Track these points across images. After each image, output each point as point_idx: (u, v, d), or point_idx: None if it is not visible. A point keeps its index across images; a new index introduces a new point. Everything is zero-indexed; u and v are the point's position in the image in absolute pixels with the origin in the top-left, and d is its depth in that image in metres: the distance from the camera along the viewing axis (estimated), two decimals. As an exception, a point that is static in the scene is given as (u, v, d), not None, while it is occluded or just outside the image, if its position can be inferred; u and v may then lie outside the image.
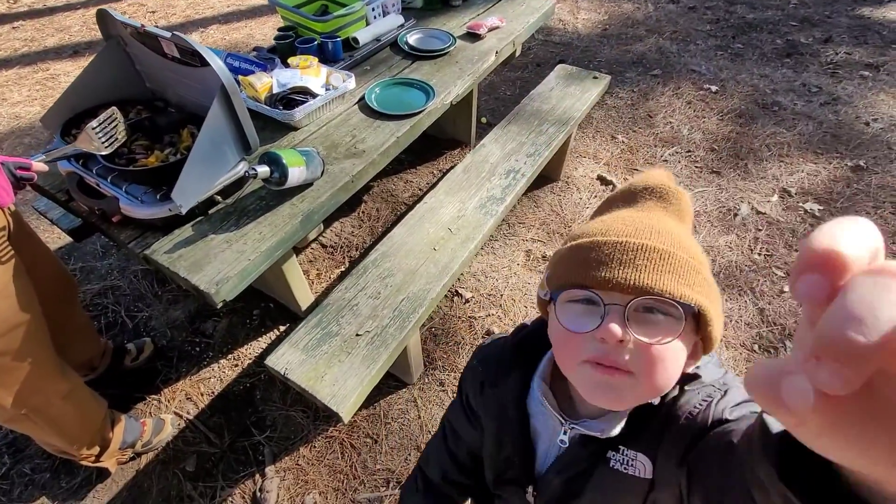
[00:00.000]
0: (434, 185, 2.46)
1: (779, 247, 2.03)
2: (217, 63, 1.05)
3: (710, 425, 0.50)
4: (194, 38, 4.47)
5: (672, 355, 0.47)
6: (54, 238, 2.25)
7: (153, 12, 4.51)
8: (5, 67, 3.75)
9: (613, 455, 0.56)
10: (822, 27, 3.55)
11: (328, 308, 1.37)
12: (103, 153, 1.08)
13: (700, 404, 0.53)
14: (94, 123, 1.05)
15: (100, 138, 1.05)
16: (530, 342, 0.66)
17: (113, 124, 1.07)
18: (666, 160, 2.51)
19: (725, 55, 3.33)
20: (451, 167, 2.58)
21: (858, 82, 2.96)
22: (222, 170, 1.16)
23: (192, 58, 1.13)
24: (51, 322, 1.17)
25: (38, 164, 0.98)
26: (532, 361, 0.64)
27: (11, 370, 1.05)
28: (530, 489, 0.64)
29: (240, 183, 1.23)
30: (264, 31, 4.06)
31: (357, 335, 1.29)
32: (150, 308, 1.97)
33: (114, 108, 1.11)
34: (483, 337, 1.79)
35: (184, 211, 1.07)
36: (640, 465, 0.55)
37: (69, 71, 3.70)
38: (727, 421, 0.50)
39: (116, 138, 1.09)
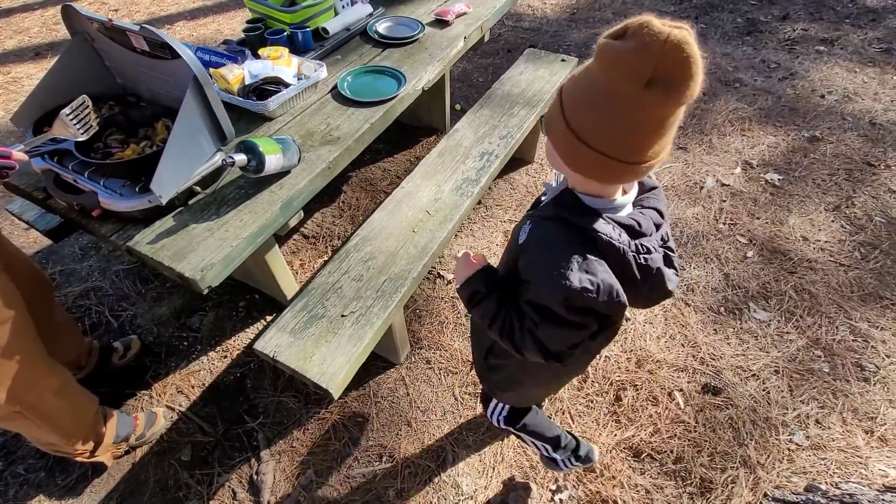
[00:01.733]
0: (411, 171, 2.50)
1: (742, 215, 2.13)
2: (188, 54, 1.07)
3: None
4: (161, 35, 4.32)
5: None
6: (29, 242, 2.22)
7: (115, 10, 4.39)
8: (-37, 71, 3.63)
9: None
10: (780, 5, 3.68)
11: (313, 292, 1.41)
12: (80, 139, 1.09)
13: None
14: (66, 111, 1.06)
15: (74, 125, 1.07)
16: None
17: (86, 111, 1.09)
18: (635, 138, 2.60)
19: (689, 35, 3.43)
20: (428, 153, 2.62)
21: (814, 57, 3.10)
22: (199, 160, 1.19)
23: (163, 50, 1.14)
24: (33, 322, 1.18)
25: (18, 153, 0.98)
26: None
27: (2, 366, 1.07)
28: None
29: (218, 173, 1.26)
30: (232, 26, 4.00)
31: (342, 316, 1.33)
32: (134, 306, 1.97)
33: (84, 95, 1.12)
34: (465, 318, 1.85)
35: (164, 201, 1.09)
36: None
37: (32, 73, 3.59)
38: None
39: (91, 125, 1.11)
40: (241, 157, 1.12)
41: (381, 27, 1.94)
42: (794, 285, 1.83)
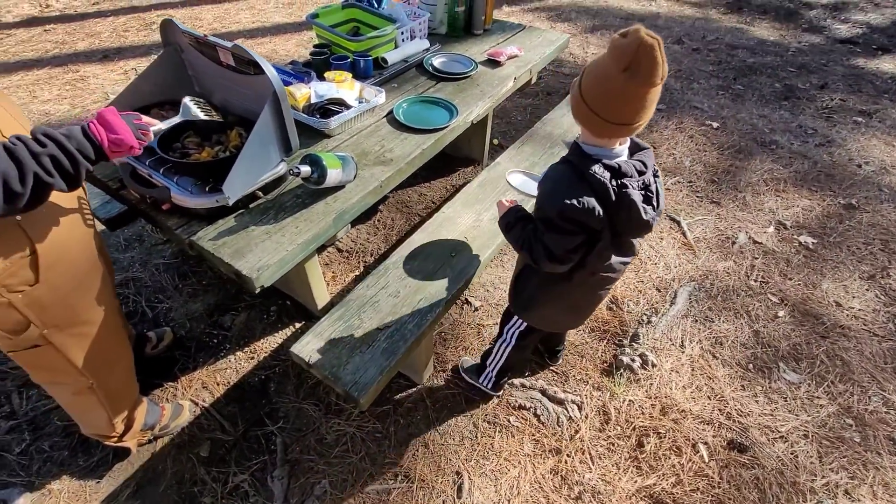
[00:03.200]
0: (450, 197, 2.57)
1: (774, 275, 2.13)
2: (272, 72, 1.17)
3: None
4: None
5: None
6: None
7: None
8: (37, 67, 3.91)
9: None
10: (819, 74, 3.76)
11: (350, 304, 1.45)
12: (203, 118, 1.27)
13: None
14: (187, 99, 1.19)
15: (198, 108, 1.24)
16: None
17: (203, 101, 1.22)
18: (669, 188, 2.64)
19: (726, 95, 3.51)
20: (464, 183, 2.70)
21: (852, 127, 3.13)
22: (267, 167, 1.27)
23: (248, 66, 1.25)
24: None
25: (155, 126, 1.06)
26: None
27: (99, 341, 1.13)
28: None
29: (280, 180, 1.34)
30: (287, 48, 4.26)
31: (378, 329, 1.37)
32: (170, 300, 2.05)
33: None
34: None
35: (231, 202, 1.17)
36: None
37: (98, 73, 3.86)
38: None
39: (211, 112, 1.27)
40: (306, 169, 1.20)
41: (437, 61, 2.06)
42: (826, 350, 1.80)
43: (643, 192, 1.00)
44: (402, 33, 2.07)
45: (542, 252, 1.04)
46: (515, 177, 1.63)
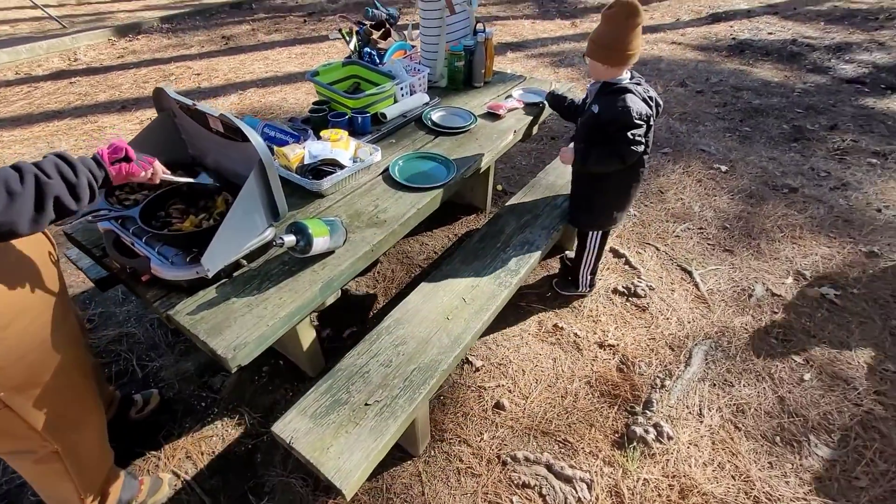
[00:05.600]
0: (450, 252, 2.52)
1: (796, 331, 1.99)
2: (257, 141, 1.14)
3: None
4: (233, 100, 4.77)
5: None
6: (78, 282, 2.32)
7: (198, 74, 4.91)
8: (58, 118, 4.06)
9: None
10: (828, 115, 3.70)
11: (339, 374, 1.37)
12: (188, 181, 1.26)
13: None
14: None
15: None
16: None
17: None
18: (678, 236, 2.54)
19: (734, 137, 3.47)
20: (467, 232, 2.65)
21: (867, 169, 3.04)
22: (251, 235, 1.22)
23: (235, 133, 1.22)
24: None
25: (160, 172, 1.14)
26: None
27: (57, 397, 1.06)
28: None
29: (266, 247, 1.29)
30: (297, 97, 4.37)
31: (366, 404, 1.28)
32: (161, 358, 1.98)
33: None
34: (494, 409, 1.75)
35: (210, 275, 1.12)
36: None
37: (115, 123, 3.98)
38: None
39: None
40: (290, 239, 1.15)
41: (436, 116, 2.05)
42: (861, 420, 1.64)
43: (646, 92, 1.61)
44: (402, 89, 2.08)
45: (627, 147, 1.55)
46: (517, 91, 2.22)
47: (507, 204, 2.13)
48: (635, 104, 1.52)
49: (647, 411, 1.69)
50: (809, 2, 6.72)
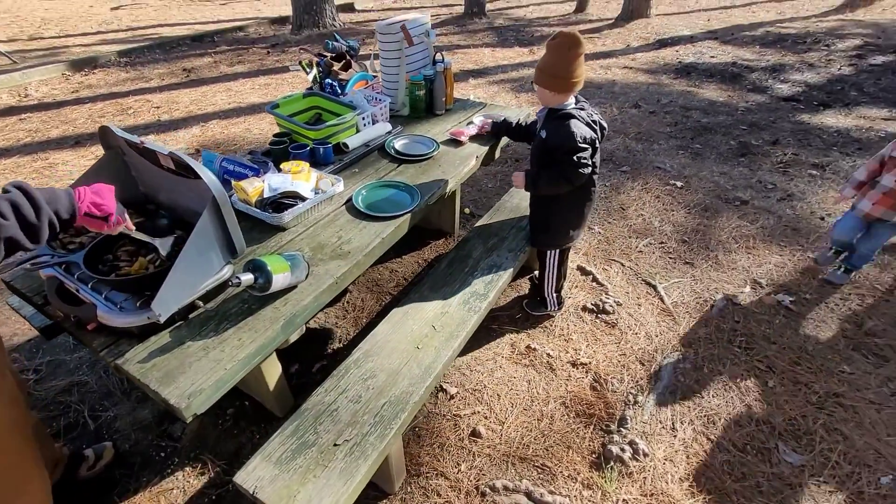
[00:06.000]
0: (420, 277, 2.50)
1: (757, 339, 2.06)
2: (209, 177, 1.11)
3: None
4: (195, 132, 4.68)
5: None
6: (24, 329, 2.17)
7: (158, 107, 4.81)
8: (5, 156, 3.87)
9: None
10: (769, 131, 3.96)
11: (306, 414, 1.31)
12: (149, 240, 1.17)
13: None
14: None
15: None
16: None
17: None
18: (641, 251, 2.62)
19: (686, 154, 3.64)
20: (436, 256, 2.64)
21: (808, 180, 3.24)
22: (207, 275, 1.18)
23: (186, 170, 1.19)
24: None
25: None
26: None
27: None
28: None
29: (223, 286, 1.24)
30: (261, 127, 4.33)
31: (335, 445, 1.22)
32: (116, 406, 1.85)
33: None
34: (470, 438, 1.71)
35: (162, 320, 1.06)
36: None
37: (68, 160, 3.82)
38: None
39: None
40: (247, 277, 1.11)
41: (399, 144, 2.06)
42: (824, 423, 1.69)
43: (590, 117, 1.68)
44: (364, 118, 2.09)
45: (574, 170, 1.62)
46: (478, 118, 2.19)
47: (473, 227, 2.15)
48: (579, 129, 1.59)
49: (622, 429, 1.69)
50: (745, 28, 7.25)
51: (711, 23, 7.70)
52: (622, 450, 1.61)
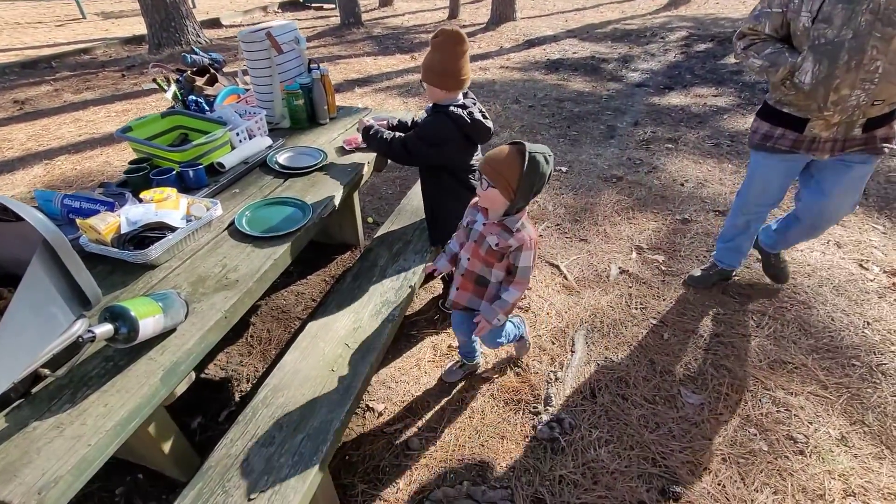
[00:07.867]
0: (326, 292, 2.36)
1: (649, 299, 2.27)
2: (35, 217, 0.90)
3: None
4: (38, 172, 3.99)
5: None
6: None
7: (-21, 149, 3.98)
8: None
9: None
10: (630, 114, 4.45)
11: (210, 473, 1.14)
12: None
13: None
14: None
15: None
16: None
17: None
18: (541, 234, 2.76)
19: (566, 141, 3.94)
20: (344, 271, 2.52)
21: (666, 153, 3.69)
22: (50, 336, 0.96)
23: (5, 213, 0.96)
24: None
25: None
26: None
27: None
28: None
29: (76, 346, 1.02)
30: (123, 157, 3.81)
31: (249, 500, 1.07)
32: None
33: None
34: (405, 452, 1.63)
35: (-10, 401, 0.84)
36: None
37: None
38: None
39: None
40: (104, 329, 0.92)
41: (283, 158, 1.92)
42: (712, 362, 1.91)
43: (481, 112, 1.67)
44: (238, 134, 1.91)
45: (400, 148, 1.70)
46: (369, 119, 1.95)
47: (376, 236, 2.08)
48: (441, 126, 1.63)
49: (548, 407, 1.75)
50: (597, 26, 8.13)
51: (569, 23, 8.50)
52: (551, 427, 1.66)
